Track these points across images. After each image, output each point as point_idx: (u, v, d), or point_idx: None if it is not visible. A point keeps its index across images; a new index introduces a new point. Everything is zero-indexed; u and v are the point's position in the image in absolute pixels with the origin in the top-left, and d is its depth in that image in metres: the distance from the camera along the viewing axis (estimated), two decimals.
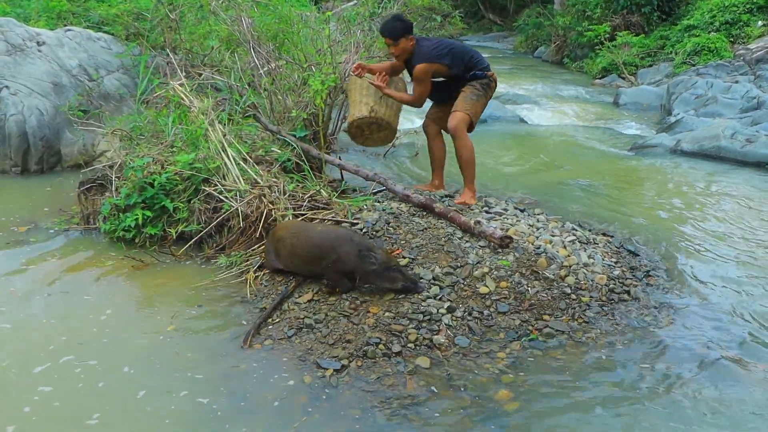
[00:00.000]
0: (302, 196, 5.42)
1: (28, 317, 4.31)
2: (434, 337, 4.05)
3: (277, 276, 4.72)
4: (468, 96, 5.69)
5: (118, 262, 5.07)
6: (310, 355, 3.88)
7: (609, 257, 5.13)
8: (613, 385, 3.79)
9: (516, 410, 3.55)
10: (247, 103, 6.38)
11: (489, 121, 10.56)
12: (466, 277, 4.56)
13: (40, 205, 6.19)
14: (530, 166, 8.25)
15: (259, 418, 3.40)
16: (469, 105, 5.65)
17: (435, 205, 5.22)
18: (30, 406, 3.44)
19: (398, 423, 3.40)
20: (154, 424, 3.34)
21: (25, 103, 7.10)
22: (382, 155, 7.99)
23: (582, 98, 14.13)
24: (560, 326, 4.29)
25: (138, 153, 5.69)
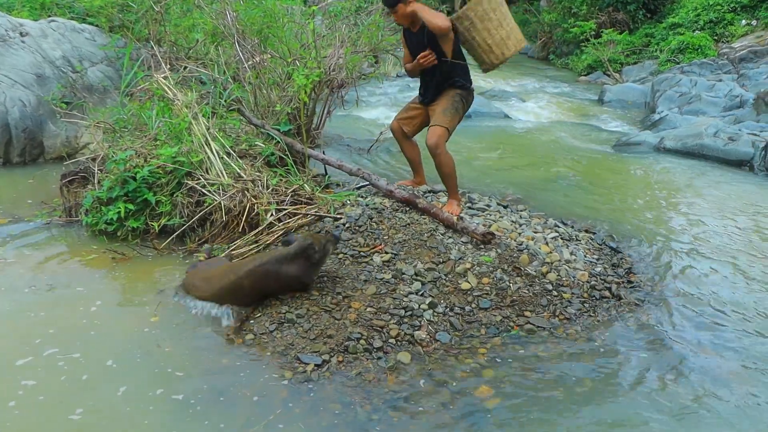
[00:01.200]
0: (285, 190, 5.41)
1: (13, 310, 4.27)
2: (416, 333, 4.07)
3: None
4: (448, 107, 5.40)
5: (100, 255, 5.04)
6: (291, 349, 3.88)
7: (591, 254, 5.17)
8: (592, 381, 3.83)
9: (497, 406, 3.57)
10: (231, 97, 6.35)
11: (474, 116, 10.57)
12: (449, 272, 4.57)
13: (22, 198, 6.14)
14: (514, 162, 8.27)
15: (239, 413, 3.40)
16: (448, 118, 5.36)
17: (418, 200, 5.23)
18: (14, 400, 3.43)
19: (379, 419, 3.42)
20: (132, 419, 3.34)
21: (7, 94, 7.03)
22: (366, 150, 7.99)
23: (567, 95, 14.19)
24: (541, 322, 4.32)
25: (121, 146, 5.66)
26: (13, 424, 3.26)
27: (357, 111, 8.00)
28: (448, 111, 5.38)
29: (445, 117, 5.35)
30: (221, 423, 3.33)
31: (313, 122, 6.45)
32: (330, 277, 4.48)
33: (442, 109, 5.40)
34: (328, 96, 6.46)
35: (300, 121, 6.09)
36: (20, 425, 3.26)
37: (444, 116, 5.35)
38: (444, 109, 5.39)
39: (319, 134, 6.64)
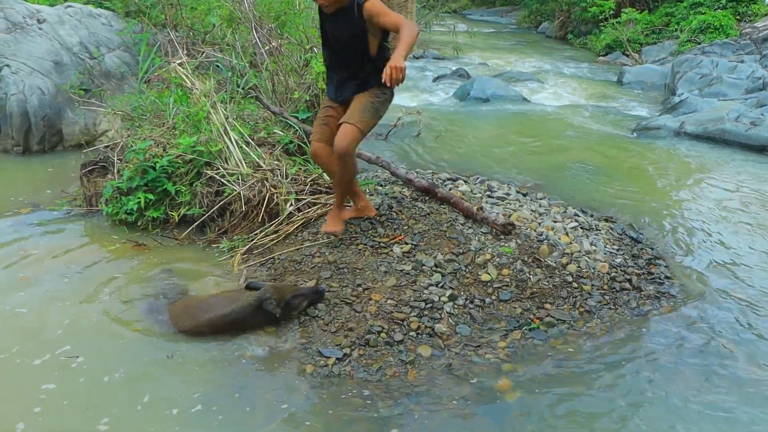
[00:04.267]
0: (304, 179, 5.41)
1: (37, 300, 4.31)
2: (436, 326, 4.07)
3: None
4: (368, 106, 4.49)
5: (121, 245, 5.07)
6: (312, 343, 3.90)
7: (611, 244, 5.13)
8: (613, 375, 3.81)
9: (516, 400, 3.57)
10: (249, 84, 6.34)
11: (492, 100, 10.51)
12: (468, 264, 4.56)
13: (42, 187, 6.17)
14: (532, 147, 8.21)
15: (260, 407, 3.42)
16: (366, 119, 4.46)
17: (438, 189, 5.21)
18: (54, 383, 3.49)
19: (400, 413, 3.43)
20: (153, 412, 3.36)
21: (26, 82, 7.06)
22: (383, 136, 7.96)
23: (585, 76, 14.05)
24: (561, 315, 4.30)
25: (140, 135, 5.67)
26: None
27: None
28: (367, 111, 4.48)
29: (363, 117, 4.44)
30: (242, 417, 3.35)
31: None
32: (350, 269, 4.47)
33: (361, 106, 4.48)
34: None
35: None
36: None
37: (362, 115, 4.44)
38: (363, 107, 4.47)
39: None
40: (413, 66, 13.58)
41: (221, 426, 3.29)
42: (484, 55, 16.28)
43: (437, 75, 13.00)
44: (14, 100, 6.96)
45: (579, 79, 13.51)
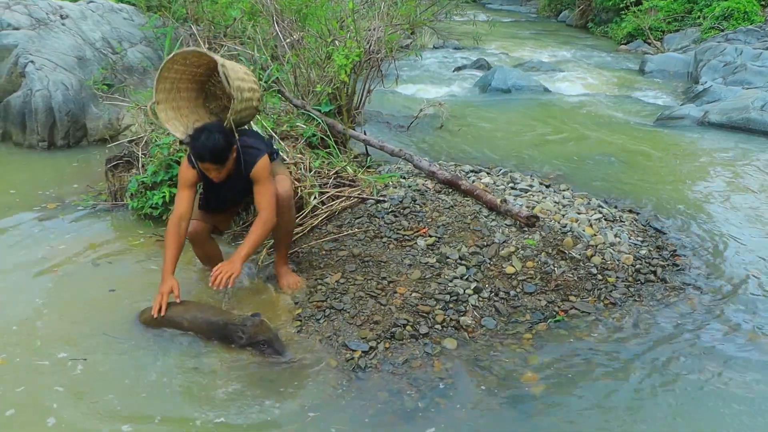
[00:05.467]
0: (328, 172, 5.43)
1: (71, 294, 4.37)
2: (461, 319, 4.07)
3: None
4: (280, 165, 4.47)
5: (146, 239, 5.12)
6: (338, 336, 3.91)
7: (635, 236, 5.10)
8: (639, 367, 3.80)
9: (542, 393, 3.58)
10: (271, 78, 6.35)
11: (513, 91, 10.47)
12: (493, 256, 4.56)
13: (68, 181, 6.23)
14: (554, 137, 8.18)
15: (286, 400, 3.45)
16: (286, 171, 4.52)
17: (461, 182, 5.21)
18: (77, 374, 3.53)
19: (425, 405, 3.44)
20: (181, 407, 3.41)
21: (50, 78, 7.12)
22: (406, 128, 7.96)
23: (607, 65, 13.94)
24: (586, 307, 4.29)
25: (163, 130, 5.70)
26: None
27: (394, 86, 7.95)
28: (282, 166, 4.54)
29: (285, 169, 4.51)
30: (269, 410, 3.37)
31: (353, 101, 6.44)
32: (375, 262, 4.49)
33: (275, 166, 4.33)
34: (368, 74, 6.43)
35: (341, 102, 6.08)
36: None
37: (283, 168, 4.48)
38: (277, 165, 4.39)
39: (359, 113, 6.63)
40: (434, 56, 13.55)
41: (246, 418, 3.32)
42: (505, 44, 16.20)
43: (457, 66, 12.97)
44: (39, 96, 7.02)
45: (600, 69, 13.40)
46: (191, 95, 4.56)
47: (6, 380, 3.51)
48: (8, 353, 3.73)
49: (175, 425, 3.27)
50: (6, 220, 5.38)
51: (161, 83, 4.31)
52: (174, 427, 3.26)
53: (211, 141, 3.80)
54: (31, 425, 3.24)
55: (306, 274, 4.51)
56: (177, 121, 4.40)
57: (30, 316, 4.09)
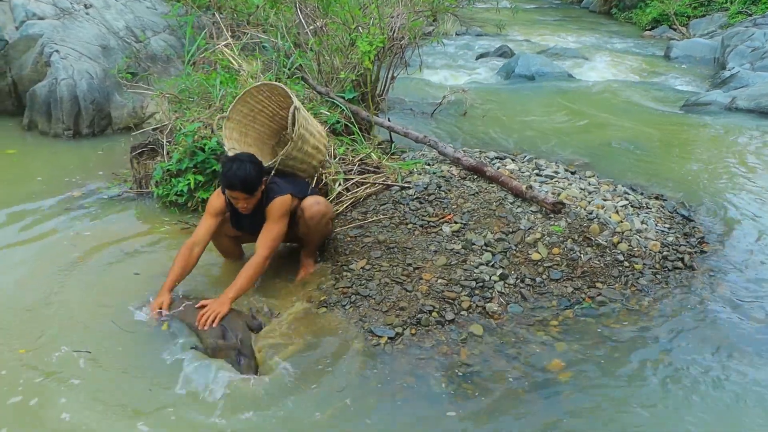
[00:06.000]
0: (352, 159, 5.42)
1: (98, 280, 4.40)
2: (487, 305, 4.06)
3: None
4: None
5: (171, 226, 5.15)
6: (364, 322, 3.91)
7: (662, 223, 5.05)
8: (666, 355, 3.77)
9: (569, 380, 3.56)
10: (294, 65, 6.35)
11: (537, 77, 10.39)
12: (519, 243, 4.53)
13: (93, 169, 6.27)
14: (579, 124, 8.11)
15: (313, 387, 3.46)
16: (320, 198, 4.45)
17: (486, 168, 5.18)
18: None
19: (452, 391, 3.44)
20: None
21: (75, 67, 7.16)
22: (429, 115, 7.92)
23: (631, 52, 13.78)
24: (613, 294, 4.25)
25: (188, 117, 5.72)
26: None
27: (417, 73, 7.92)
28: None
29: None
30: (295, 396, 3.38)
31: (377, 88, 6.41)
32: (400, 248, 4.48)
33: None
34: (392, 61, 6.40)
35: (365, 88, 6.06)
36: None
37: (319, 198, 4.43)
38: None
39: (383, 100, 6.61)
40: (456, 44, 13.45)
41: (274, 404, 3.33)
42: (527, 31, 16.06)
43: (480, 53, 12.88)
44: (64, 85, 7.06)
45: (625, 55, 13.25)
46: (265, 131, 4.70)
47: (29, 366, 3.54)
48: (32, 340, 3.77)
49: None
50: (33, 206, 5.44)
51: (241, 105, 4.44)
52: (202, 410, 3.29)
53: (242, 170, 3.85)
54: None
55: (331, 261, 4.51)
56: (237, 144, 4.48)
57: (54, 302, 4.14)
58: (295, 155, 4.21)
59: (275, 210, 4.06)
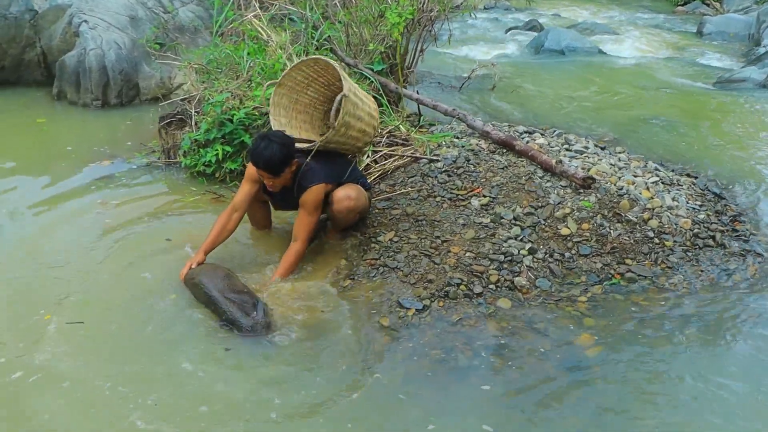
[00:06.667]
0: (381, 131, 5.38)
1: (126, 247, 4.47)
2: (515, 279, 4.04)
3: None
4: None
5: (200, 196, 5.18)
6: (391, 294, 3.92)
7: (693, 200, 4.98)
8: (697, 332, 3.74)
9: (598, 355, 3.54)
10: (323, 37, 6.31)
11: (567, 52, 10.24)
12: (548, 217, 4.49)
13: (121, 139, 6.31)
14: (609, 100, 7.99)
15: (340, 358, 3.48)
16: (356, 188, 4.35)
17: (516, 142, 5.12)
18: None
19: (480, 364, 3.44)
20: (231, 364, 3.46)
21: (103, 37, 7.17)
22: (457, 88, 7.86)
23: (663, 27, 13.54)
24: (643, 271, 4.21)
25: (216, 88, 5.72)
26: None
27: (445, 47, 7.85)
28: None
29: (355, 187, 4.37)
30: (323, 369, 3.40)
31: (405, 61, 6.36)
32: (428, 221, 4.46)
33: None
34: (421, 33, 6.34)
35: (394, 60, 6.01)
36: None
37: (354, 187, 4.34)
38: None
39: (411, 73, 6.55)
40: (485, 17, 13.30)
41: (302, 376, 3.36)
42: (557, 5, 15.82)
43: (509, 27, 12.73)
44: (93, 55, 7.08)
45: (656, 31, 13.02)
46: (318, 97, 4.63)
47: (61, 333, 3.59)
48: (57, 303, 3.83)
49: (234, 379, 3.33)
50: (63, 173, 5.53)
51: (295, 72, 4.39)
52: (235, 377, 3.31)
53: (268, 150, 3.83)
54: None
55: (359, 232, 4.50)
56: (283, 110, 4.45)
57: (83, 268, 4.20)
58: (338, 140, 4.18)
59: (309, 202, 4.07)
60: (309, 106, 4.62)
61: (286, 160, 3.90)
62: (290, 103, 4.49)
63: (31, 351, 3.42)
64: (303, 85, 4.50)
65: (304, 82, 4.49)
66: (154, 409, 3.10)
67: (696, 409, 3.20)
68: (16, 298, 3.88)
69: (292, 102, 4.50)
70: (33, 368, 3.31)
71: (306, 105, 4.60)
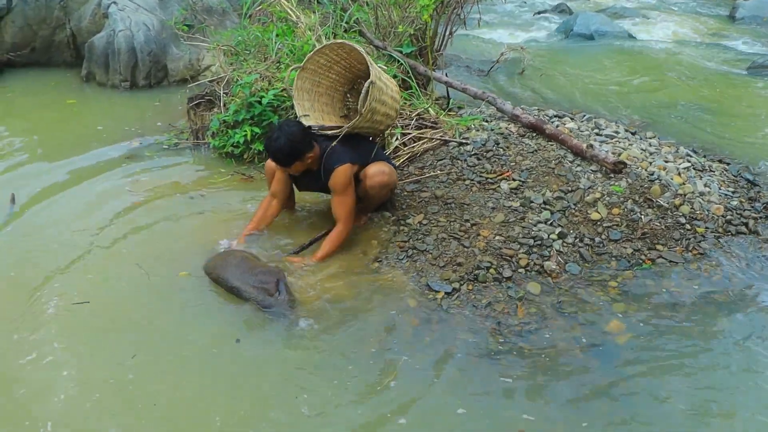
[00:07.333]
0: (410, 114, 5.36)
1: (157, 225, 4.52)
2: (545, 263, 4.01)
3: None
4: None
5: (230, 177, 5.20)
6: (420, 276, 3.91)
7: (726, 186, 4.91)
8: (727, 321, 3.70)
9: (628, 342, 3.51)
10: (352, 19, 6.28)
11: (596, 37, 10.12)
12: (578, 202, 4.45)
13: (150, 120, 6.35)
14: (639, 85, 7.89)
15: (370, 341, 3.47)
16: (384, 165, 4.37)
17: (546, 126, 5.08)
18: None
19: (509, 349, 3.42)
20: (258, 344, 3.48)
21: (132, 18, 7.20)
22: (486, 72, 7.80)
23: (694, 11, 13.32)
24: (674, 257, 4.17)
25: (245, 69, 5.72)
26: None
27: (473, 30, 7.79)
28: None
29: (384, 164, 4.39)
30: (352, 351, 3.40)
31: (434, 43, 6.32)
32: (457, 204, 4.44)
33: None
34: (450, 15, 6.29)
35: (423, 43, 5.97)
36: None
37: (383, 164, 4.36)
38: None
39: (440, 56, 6.51)
40: (513, 1, 13.18)
41: (331, 360, 3.36)
42: None
43: (538, 10, 12.61)
44: (121, 36, 7.11)
45: (687, 15, 12.82)
46: (339, 79, 4.63)
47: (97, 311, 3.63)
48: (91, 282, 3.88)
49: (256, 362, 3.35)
50: (94, 153, 5.61)
51: (318, 56, 4.39)
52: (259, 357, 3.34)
53: (276, 143, 3.88)
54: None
55: (388, 215, 4.49)
56: (306, 94, 4.47)
57: (111, 244, 4.28)
58: (363, 125, 4.18)
59: (338, 183, 4.06)
60: (330, 88, 4.62)
61: (294, 153, 3.92)
62: (312, 86, 4.50)
63: (36, 332, 3.44)
64: (325, 68, 4.51)
65: (326, 65, 4.49)
66: (170, 399, 3.12)
67: (729, 397, 3.17)
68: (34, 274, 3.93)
69: (315, 85, 4.52)
70: (29, 347, 3.33)
71: (327, 87, 4.60)
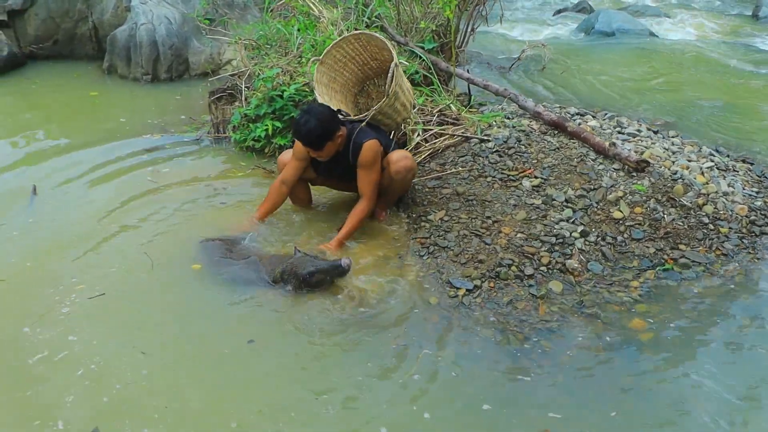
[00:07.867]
0: (431, 110, 5.35)
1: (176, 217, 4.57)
2: (567, 262, 3.99)
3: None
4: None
5: (251, 170, 5.21)
6: (441, 273, 3.90)
7: (750, 186, 4.87)
8: (751, 321, 3.67)
9: (650, 341, 3.49)
10: (374, 14, 6.27)
11: (617, 34, 10.05)
12: (600, 200, 4.42)
13: (171, 113, 6.38)
14: (661, 83, 7.83)
15: (390, 337, 3.47)
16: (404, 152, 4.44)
17: (568, 124, 5.05)
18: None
19: (531, 347, 3.41)
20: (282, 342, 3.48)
21: (154, 12, 7.24)
22: (507, 69, 7.77)
23: (716, 10, 13.20)
24: (697, 257, 4.13)
25: (267, 63, 5.73)
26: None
27: (493, 27, 7.77)
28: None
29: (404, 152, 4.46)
30: (373, 346, 3.41)
31: (456, 39, 6.30)
32: (479, 201, 4.43)
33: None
34: (472, 12, 6.27)
35: (447, 39, 5.96)
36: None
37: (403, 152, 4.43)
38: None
39: (462, 52, 6.49)
40: None
41: (352, 353, 3.37)
42: None
43: (558, 8, 12.54)
44: (143, 29, 7.15)
45: (709, 13, 12.71)
46: (351, 78, 4.72)
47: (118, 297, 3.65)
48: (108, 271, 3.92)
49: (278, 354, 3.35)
50: (116, 144, 5.67)
51: (335, 50, 4.47)
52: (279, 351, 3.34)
53: (307, 125, 3.90)
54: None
55: (409, 211, 4.49)
56: (324, 88, 4.53)
57: (128, 237, 4.33)
58: (386, 110, 4.19)
59: (367, 157, 4.09)
60: (344, 86, 4.67)
61: (326, 134, 3.95)
62: (329, 81, 4.55)
63: (51, 327, 3.46)
64: (341, 64, 4.57)
65: (342, 61, 4.55)
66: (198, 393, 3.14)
67: (750, 398, 3.15)
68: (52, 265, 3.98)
69: (331, 81, 4.57)
70: (43, 341, 3.36)
71: (342, 85, 4.66)
